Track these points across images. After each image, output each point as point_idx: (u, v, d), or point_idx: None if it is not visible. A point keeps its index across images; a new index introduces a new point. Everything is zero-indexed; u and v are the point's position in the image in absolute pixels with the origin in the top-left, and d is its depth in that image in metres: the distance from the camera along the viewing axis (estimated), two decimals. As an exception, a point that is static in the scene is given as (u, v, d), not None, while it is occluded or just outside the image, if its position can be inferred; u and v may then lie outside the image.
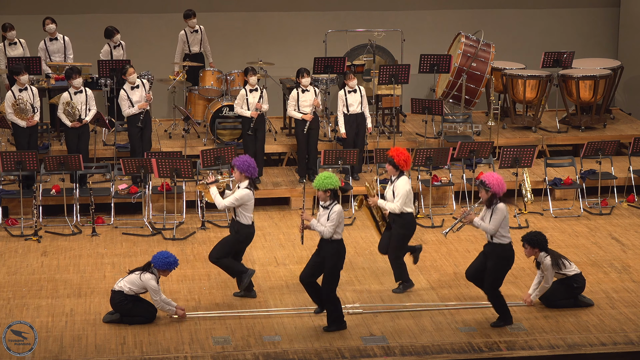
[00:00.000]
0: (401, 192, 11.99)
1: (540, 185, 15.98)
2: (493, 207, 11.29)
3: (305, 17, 19.26)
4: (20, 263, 13.40)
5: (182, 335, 11.29)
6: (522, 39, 19.67)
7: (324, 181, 11.14)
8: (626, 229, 14.83)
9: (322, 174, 11.22)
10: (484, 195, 11.36)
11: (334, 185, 11.16)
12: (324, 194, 11.19)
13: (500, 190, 11.30)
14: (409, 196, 12.07)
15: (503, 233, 11.32)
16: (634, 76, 19.42)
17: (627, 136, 17.51)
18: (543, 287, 11.88)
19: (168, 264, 11.42)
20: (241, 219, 11.85)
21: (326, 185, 11.14)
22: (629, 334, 11.42)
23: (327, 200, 11.20)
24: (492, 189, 11.26)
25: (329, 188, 11.15)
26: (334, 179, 11.17)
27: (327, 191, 11.17)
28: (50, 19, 17.04)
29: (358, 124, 15.82)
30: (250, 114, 15.60)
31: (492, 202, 11.31)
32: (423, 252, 13.88)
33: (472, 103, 17.92)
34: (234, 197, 11.74)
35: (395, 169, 12.06)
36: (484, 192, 11.32)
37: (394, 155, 12.03)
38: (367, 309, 11.97)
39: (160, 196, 15.06)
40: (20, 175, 14.67)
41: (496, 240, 11.34)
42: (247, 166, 11.74)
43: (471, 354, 11.01)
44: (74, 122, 15.15)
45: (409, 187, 12.09)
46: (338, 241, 11.20)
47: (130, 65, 15.65)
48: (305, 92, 15.73)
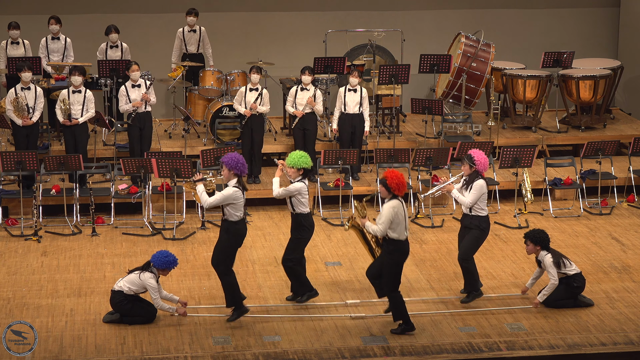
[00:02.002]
0: (384, 216, 11.05)
1: (540, 185, 15.98)
2: (474, 182, 11.77)
3: (305, 17, 19.26)
4: (20, 263, 13.40)
5: (182, 335, 11.30)
6: (522, 39, 19.67)
7: (299, 160, 11.55)
8: (626, 229, 14.83)
9: (296, 152, 11.62)
10: (466, 170, 11.88)
11: (307, 164, 11.57)
12: (297, 172, 11.58)
13: (483, 168, 11.84)
14: (396, 221, 11.07)
15: (481, 206, 11.82)
16: (634, 76, 19.42)
17: (627, 136, 17.52)
18: (552, 285, 11.87)
19: (167, 263, 11.42)
20: (230, 217, 11.45)
21: (300, 163, 11.54)
22: (629, 334, 11.43)
23: (298, 177, 11.58)
24: (477, 166, 11.79)
25: (302, 167, 11.54)
26: (308, 159, 11.60)
27: (300, 169, 11.56)
28: (54, 19, 17.03)
29: (354, 124, 15.80)
30: (244, 112, 15.59)
31: (474, 178, 11.80)
32: (423, 252, 13.91)
33: (472, 103, 17.93)
34: (221, 194, 11.32)
35: (387, 191, 11.18)
36: (468, 166, 11.83)
37: (388, 177, 11.16)
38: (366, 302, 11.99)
39: (160, 196, 15.06)
40: (20, 175, 14.68)
41: (474, 212, 11.84)
42: (236, 163, 11.29)
43: (471, 354, 11.02)
44: (64, 119, 15.15)
45: (398, 210, 11.08)
46: (306, 215, 11.68)
47: (136, 62, 15.62)
48: (304, 91, 15.74)
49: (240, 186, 11.37)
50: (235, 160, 11.30)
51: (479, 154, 11.84)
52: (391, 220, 11.06)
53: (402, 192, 11.12)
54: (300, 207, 11.68)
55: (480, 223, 11.87)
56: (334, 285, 12.71)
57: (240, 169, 11.34)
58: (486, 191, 11.84)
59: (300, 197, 11.61)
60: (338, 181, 15.41)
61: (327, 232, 14.64)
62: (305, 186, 11.62)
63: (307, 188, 11.65)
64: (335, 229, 14.59)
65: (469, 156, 11.83)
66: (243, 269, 13.12)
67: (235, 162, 11.30)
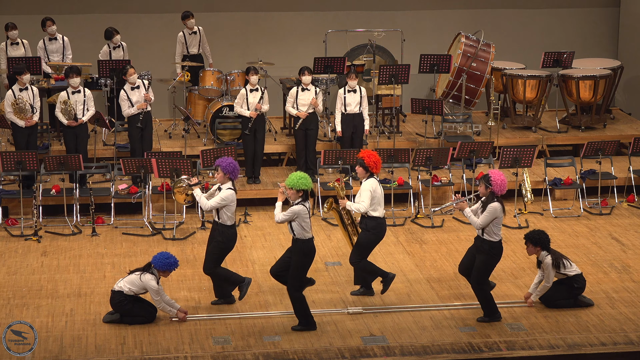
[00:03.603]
0: (364, 192, 11.60)
1: (540, 185, 15.98)
2: (488, 205, 11.34)
3: (305, 17, 19.26)
4: (20, 263, 13.40)
5: (182, 335, 11.29)
6: (522, 39, 19.67)
7: (298, 181, 11.14)
8: (626, 229, 14.83)
9: (296, 173, 11.23)
10: (482, 191, 11.44)
11: (307, 186, 11.17)
12: (296, 194, 11.16)
13: (500, 190, 11.36)
14: (377, 198, 11.64)
15: (494, 231, 11.42)
16: (634, 76, 19.42)
17: (627, 136, 17.52)
18: (544, 287, 11.89)
19: (168, 264, 11.42)
20: (224, 221, 11.55)
21: (299, 185, 11.14)
22: (629, 334, 11.43)
23: (297, 199, 11.16)
24: (493, 187, 11.32)
25: (302, 189, 11.16)
26: (308, 180, 11.19)
27: (299, 191, 11.17)
28: (51, 20, 17.03)
29: (355, 124, 15.82)
30: (249, 114, 15.60)
31: (489, 200, 11.37)
32: (423, 252, 13.90)
33: (472, 103, 17.93)
34: (220, 197, 11.48)
35: (365, 170, 11.66)
36: (484, 187, 11.39)
37: (365, 157, 11.67)
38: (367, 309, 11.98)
39: (160, 196, 15.06)
40: (20, 175, 14.67)
41: (486, 236, 11.43)
42: (233, 168, 11.52)
43: (471, 354, 11.02)
44: (70, 120, 15.15)
45: (376, 188, 11.66)
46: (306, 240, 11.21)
47: (131, 65, 15.65)
48: (305, 91, 15.74)
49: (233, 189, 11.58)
50: (233, 166, 11.53)
51: (497, 175, 11.37)
52: (372, 197, 11.44)
53: (379, 169, 11.54)
54: (300, 232, 11.20)
55: (491, 249, 11.48)
56: (334, 285, 12.71)
57: (235, 174, 11.58)
58: (501, 215, 11.40)
59: (299, 220, 11.16)
60: (338, 181, 15.39)
61: (327, 232, 14.65)
62: (305, 209, 11.16)
63: (307, 211, 11.20)
64: (335, 229, 14.59)
65: (486, 176, 11.38)
66: (243, 269, 13.12)
67: (232, 167, 11.53)
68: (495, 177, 11.33)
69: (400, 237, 14.37)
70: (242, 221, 14.96)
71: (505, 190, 11.42)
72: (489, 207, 11.32)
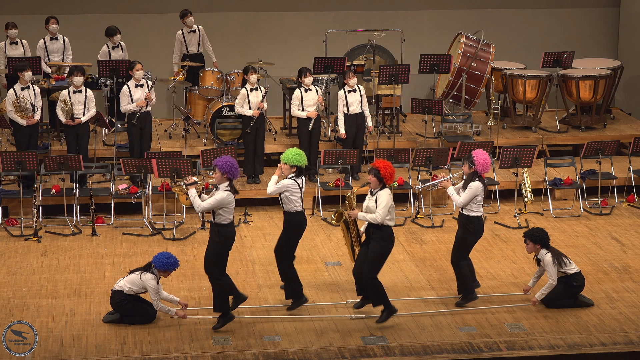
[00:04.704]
0: (384, 202, 11.23)
1: (540, 185, 15.98)
2: (469, 183, 11.67)
3: (305, 17, 19.26)
4: (20, 263, 13.40)
5: (182, 335, 11.30)
6: (522, 39, 19.67)
7: (292, 157, 11.47)
8: (626, 229, 14.83)
9: (293, 149, 11.54)
10: (466, 170, 11.79)
11: (300, 162, 11.49)
12: (290, 169, 11.51)
13: (483, 170, 11.71)
14: (392, 210, 11.37)
15: (474, 208, 11.72)
16: (634, 76, 19.42)
17: (627, 136, 17.52)
18: (550, 285, 11.86)
19: (169, 264, 11.42)
20: (221, 221, 11.22)
21: (293, 161, 11.47)
22: (629, 334, 11.43)
23: (291, 174, 11.51)
24: (476, 166, 11.67)
25: (295, 164, 11.48)
26: (303, 157, 11.50)
27: (293, 166, 11.50)
28: (54, 19, 17.03)
29: (358, 123, 15.83)
30: (252, 112, 15.59)
31: (472, 178, 11.69)
32: (423, 252, 13.90)
33: (472, 103, 17.92)
34: (214, 198, 11.13)
35: (379, 181, 11.34)
36: (467, 166, 11.73)
37: (381, 167, 11.30)
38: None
39: (160, 196, 15.06)
40: (20, 175, 14.67)
41: (465, 211, 11.77)
42: (230, 167, 11.13)
43: (471, 354, 11.02)
44: (67, 120, 15.15)
45: (391, 200, 11.40)
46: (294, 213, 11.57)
47: (139, 62, 15.59)
48: (308, 92, 15.75)
49: (232, 189, 11.23)
50: (230, 165, 11.14)
51: (480, 154, 11.68)
52: (389, 206, 11.31)
53: (392, 181, 11.45)
54: (289, 205, 11.54)
55: (468, 223, 11.75)
56: (334, 285, 12.71)
57: (234, 173, 11.18)
58: (481, 193, 11.68)
59: (288, 194, 11.47)
60: (338, 181, 15.41)
61: (327, 232, 14.65)
62: (295, 184, 11.46)
63: (297, 185, 11.48)
64: (335, 229, 14.58)
65: (469, 156, 11.74)
66: (243, 269, 13.13)
67: (229, 167, 11.13)
68: (479, 157, 11.67)
69: (400, 237, 14.36)
70: (242, 221, 14.97)
71: (488, 169, 11.78)
72: (470, 186, 11.67)
